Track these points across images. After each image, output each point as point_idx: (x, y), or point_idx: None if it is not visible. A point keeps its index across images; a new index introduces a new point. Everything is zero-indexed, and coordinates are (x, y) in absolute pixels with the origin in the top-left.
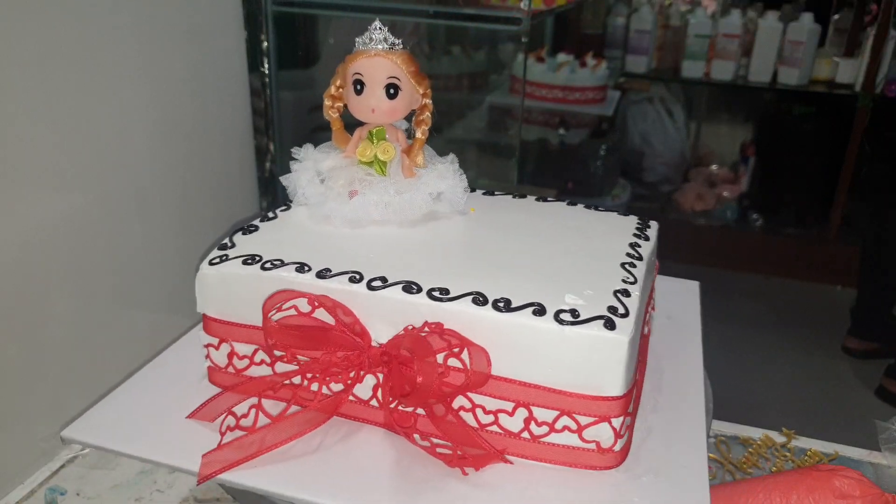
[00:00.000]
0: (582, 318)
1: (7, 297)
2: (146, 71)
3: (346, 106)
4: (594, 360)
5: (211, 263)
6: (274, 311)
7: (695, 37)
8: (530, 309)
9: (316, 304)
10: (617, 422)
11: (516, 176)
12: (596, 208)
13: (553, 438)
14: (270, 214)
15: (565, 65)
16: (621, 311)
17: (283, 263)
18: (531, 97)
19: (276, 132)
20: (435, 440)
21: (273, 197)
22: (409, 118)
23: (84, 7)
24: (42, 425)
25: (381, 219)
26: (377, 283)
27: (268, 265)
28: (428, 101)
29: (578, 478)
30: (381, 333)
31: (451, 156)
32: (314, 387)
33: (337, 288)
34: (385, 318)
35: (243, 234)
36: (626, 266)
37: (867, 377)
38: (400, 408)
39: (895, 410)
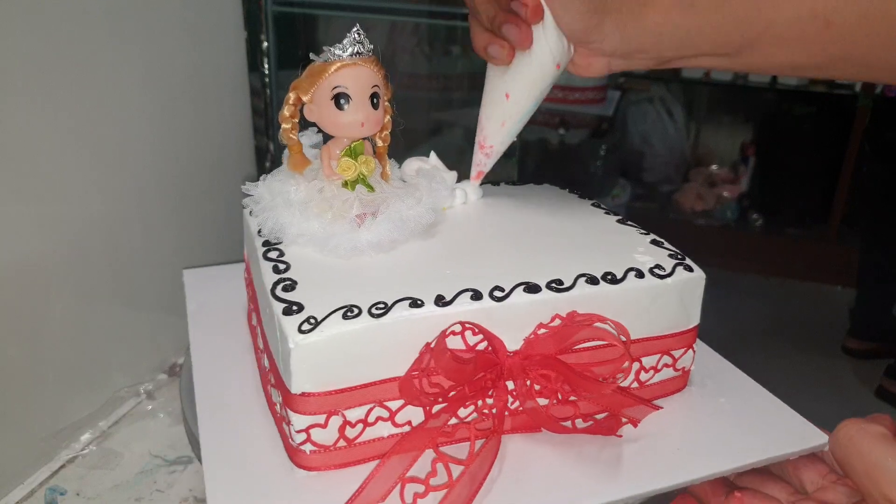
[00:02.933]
0: (668, 269)
1: (7, 296)
2: (146, 71)
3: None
4: (685, 299)
5: (301, 332)
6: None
7: None
8: (632, 273)
9: (475, 330)
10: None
11: (516, 176)
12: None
13: (655, 378)
14: (282, 266)
15: None
16: (680, 256)
17: (386, 305)
18: None
19: (276, 132)
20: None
21: None
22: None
23: (84, 7)
24: (42, 425)
25: (400, 237)
26: (498, 294)
27: (374, 311)
28: (388, 104)
29: (671, 403)
30: (508, 342)
31: (432, 154)
32: (473, 415)
33: (463, 310)
34: (511, 325)
35: (284, 291)
36: (653, 242)
37: (867, 377)
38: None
39: (895, 411)
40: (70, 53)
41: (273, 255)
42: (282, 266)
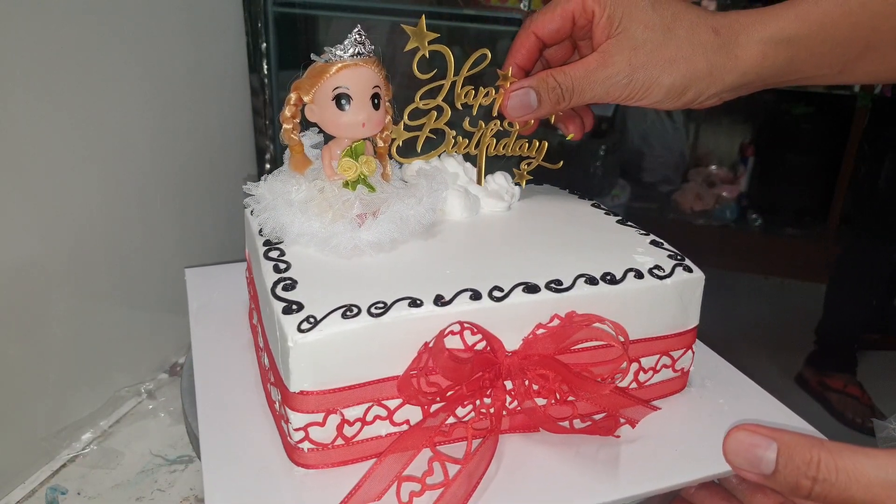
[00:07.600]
0: (667, 270)
1: (7, 296)
2: (147, 71)
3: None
4: (684, 300)
5: (301, 331)
6: (430, 346)
7: None
8: (632, 274)
9: (474, 330)
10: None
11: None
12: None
13: (654, 379)
14: (282, 265)
15: None
16: (680, 257)
17: (386, 305)
18: None
19: (276, 132)
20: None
21: None
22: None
23: (85, 8)
24: (43, 425)
25: (401, 237)
26: (497, 294)
27: (374, 310)
28: (388, 105)
29: (670, 404)
30: (507, 342)
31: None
32: (471, 414)
33: (462, 310)
34: (510, 325)
35: (284, 290)
36: (653, 242)
37: (867, 377)
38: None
39: (893, 409)
40: (70, 54)
41: (274, 254)
42: (282, 265)
